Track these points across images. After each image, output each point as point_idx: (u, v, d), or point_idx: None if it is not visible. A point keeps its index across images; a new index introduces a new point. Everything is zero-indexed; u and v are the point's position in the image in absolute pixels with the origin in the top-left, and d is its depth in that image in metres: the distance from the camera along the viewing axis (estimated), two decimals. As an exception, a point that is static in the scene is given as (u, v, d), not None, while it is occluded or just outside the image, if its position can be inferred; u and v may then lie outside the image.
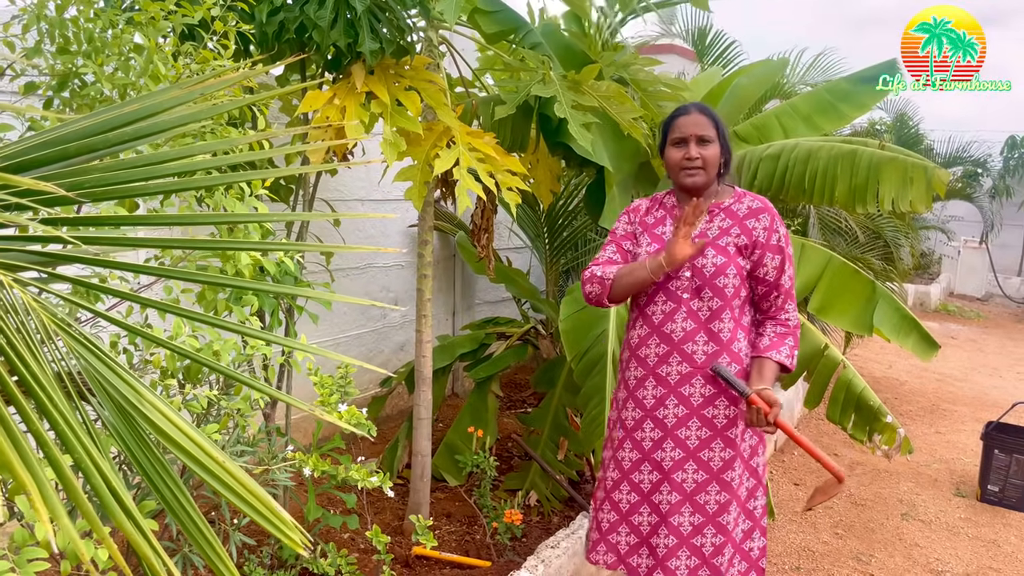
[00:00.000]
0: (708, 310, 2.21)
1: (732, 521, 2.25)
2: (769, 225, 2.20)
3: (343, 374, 2.54)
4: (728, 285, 2.19)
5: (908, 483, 4.51)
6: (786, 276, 2.22)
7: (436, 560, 3.20)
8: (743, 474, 2.25)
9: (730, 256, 2.19)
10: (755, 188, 3.45)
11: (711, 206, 2.25)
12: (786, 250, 2.22)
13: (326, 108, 2.46)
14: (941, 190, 2.89)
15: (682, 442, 2.24)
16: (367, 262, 4.45)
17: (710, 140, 2.21)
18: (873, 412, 2.89)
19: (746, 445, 2.25)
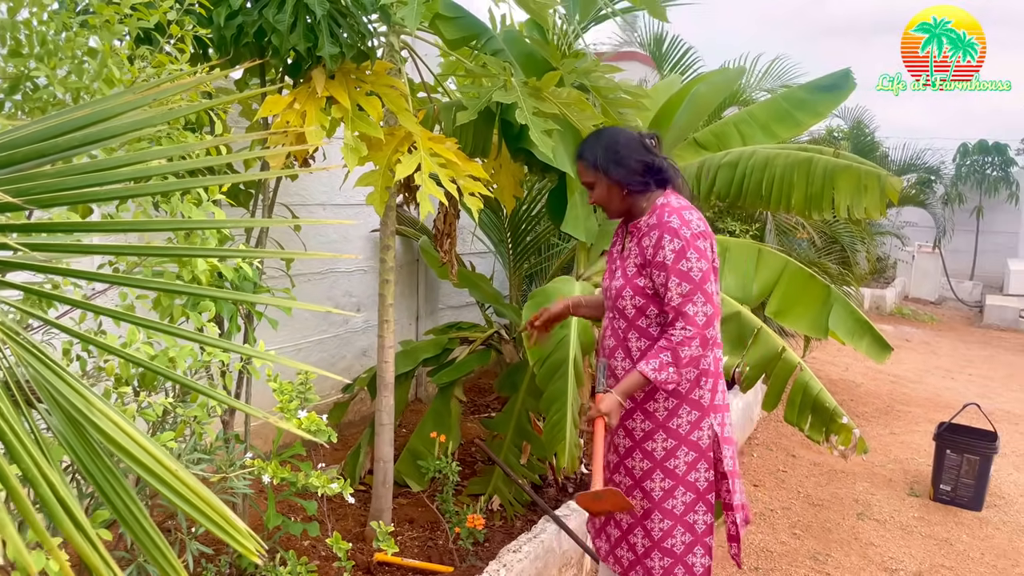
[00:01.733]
0: (620, 329, 2.33)
1: (655, 526, 2.33)
2: (656, 242, 2.20)
3: (303, 380, 2.53)
4: (627, 306, 2.27)
5: (864, 483, 4.60)
6: (673, 294, 2.17)
7: (398, 566, 3.18)
8: (664, 480, 2.31)
9: (628, 278, 2.27)
10: (714, 194, 3.51)
11: (631, 226, 2.34)
12: (672, 267, 2.16)
13: (286, 113, 2.44)
14: (894, 197, 2.96)
15: (615, 447, 2.41)
16: (329, 267, 4.42)
17: (591, 183, 2.34)
18: (829, 413, 2.95)
19: (659, 448, 2.31)
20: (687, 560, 2.33)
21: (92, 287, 2.17)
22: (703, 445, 2.31)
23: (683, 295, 2.16)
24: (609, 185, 2.29)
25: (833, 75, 3.85)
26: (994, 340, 10.00)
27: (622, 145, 2.34)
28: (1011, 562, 3.70)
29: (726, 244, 3.39)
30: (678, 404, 2.28)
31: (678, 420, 2.29)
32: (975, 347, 9.37)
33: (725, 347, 3.08)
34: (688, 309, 2.16)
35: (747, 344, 3.03)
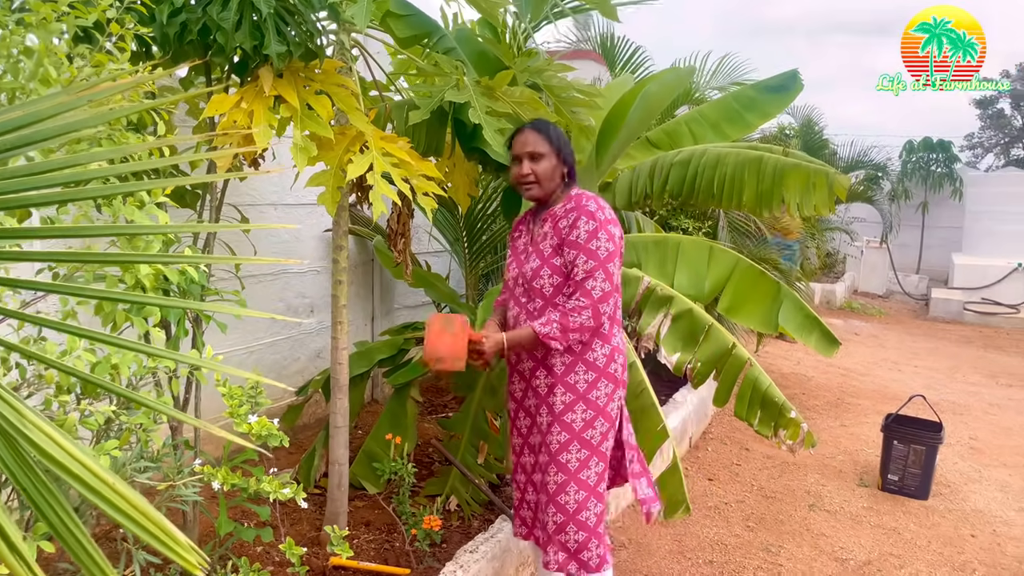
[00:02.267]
0: (535, 310, 2.45)
1: (551, 480, 2.48)
2: (572, 222, 2.37)
3: (253, 384, 2.49)
4: (544, 285, 2.41)
5: (815, 475, 4.69)
6: (579, 269, 2.33)
7: (355, 570, 3.16)
8: (560, 433, 2.46)
9: (544, 258, 2.42)
10: (667, 192, 3.54)
11: (545, 214, 2.49)
12: (584, 245, 2.32)
13: (233, 112, 2.40)
14: (842, 194, 3.02)
15: (527, 409, 2.56)
16: (281, 268, 4.36)
17: (542, 155, 2.42)
18: (778, 408, 3.00)
19: (558, 402, 2.44)
20: (580, 517, 2.47)
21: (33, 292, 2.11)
22: (600, 403, 2.47)
23: (587, 271, 2.35)
24: (555, 165, 2.45)
25: (781, 76, 3.92)
26: (939, 332, 10.27)
27: (568, 139, 2.57)
28: (956, 549, 3.80)
29: (679, 242, 3.43)
30: (574, 361, 2.43)
31: (575, 376, 2.44)
32: (921, 339, 9.62)
33: (677, 344, 3.12)
34: (587, 283, 2.34)
35: (699, 341, 3.07)
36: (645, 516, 2.59)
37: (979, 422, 5.99)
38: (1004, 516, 4.22)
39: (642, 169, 3.65)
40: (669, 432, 2.88)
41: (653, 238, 3.47)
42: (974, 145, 18.49)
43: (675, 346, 3.10)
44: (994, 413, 6.29)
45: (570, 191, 2.50)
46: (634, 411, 2.90)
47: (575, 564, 2.48)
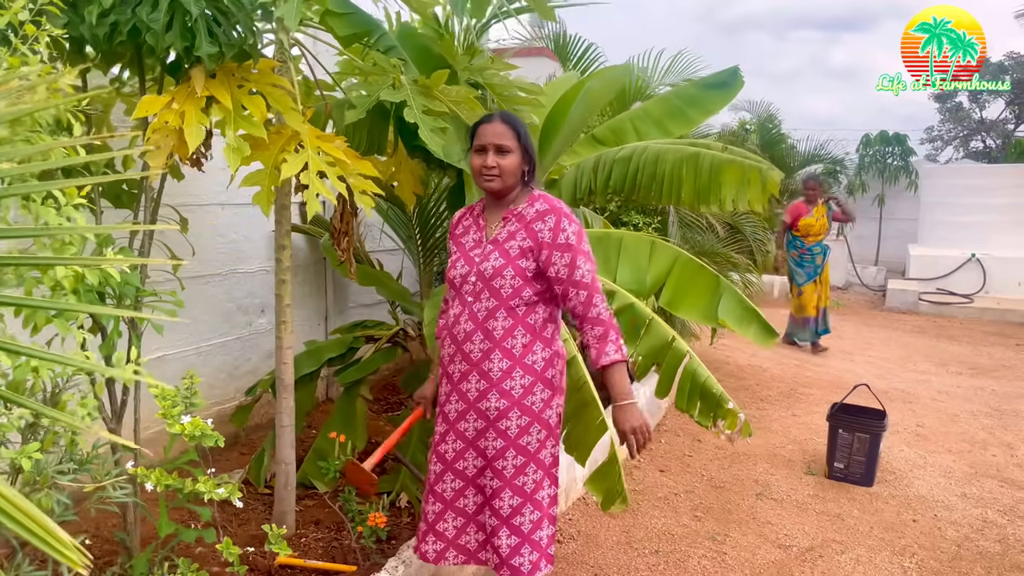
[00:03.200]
0: (485, 310, 2.40)
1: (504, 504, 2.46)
2: (555, 225, 2.35)
3: (188, 385, 2.49)
4: (505, 286, 2.37)
5: (764, 464, 4.78)
6: (582, 271, 2.35)
7: (301, 568, 3.16)
8: (515, 458, 2.44)
9: (510, 258, 2.37)
10: (609, 188, 3.59)
11: (505, 212, 2.44)
12: (577, 246, 2.35)
13: (164, 113, 2.39)
14: (774, 190, 3.09)
15: (461, 434, 2.49)
16: (230, 268, 4.34)
17: (509, 150, 2.38)
18: (716, 399, 3.06)
19: (513, 425, 2.42)
20: (534, 537, 2.47)
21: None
22: (552, 423, 2.47)
23: (591, 272, 2.37)
24: (520, 162, 2.41)
25: (722, 73, 3.98)
26: (894, 323, 10.48)
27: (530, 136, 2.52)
28: (897, 534, 3.90)
29: (621, 237, 3.48)
30: (533, 382, 2.42)
31: (532, 398, 2.42)
32: (876, 330, 9.81)
33: (620, 338, 3.16)
34: (598, 285, 2.38)
35: (640, 335, 3.12)
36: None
37: (927, 409, 6.13)
38: (946, 501, 4.34)
39: (586, 165, 3.69)
40: (608, 425, 2.92)
41: (596, 234, 3.51)
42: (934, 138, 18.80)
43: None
44: (942, 400, 6.44)
45: (531, 191, 2.46)
46: (574, 407, 2.94)
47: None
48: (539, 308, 2.43)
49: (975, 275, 11.87)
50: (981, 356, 8.39)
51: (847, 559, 3.61)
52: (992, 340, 9.36)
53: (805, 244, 7.97)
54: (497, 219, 2.47)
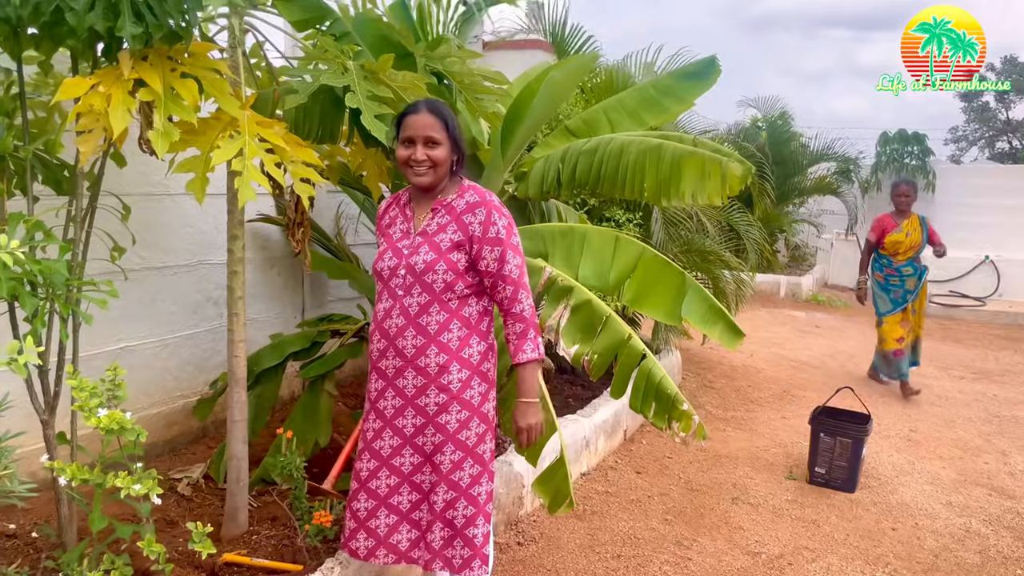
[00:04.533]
0: (417, 305, 2.32)
1: (439, 498, 2.41)
2: (485, 219, 2.29)
3: (111, 377, 2.42)
4: (437, 280, 2.30)
5: (745, 468, 4.65)
6: (511, 266, 2.30)
7: (247, 566, 3.09)
8: (453, 453, 2.38)
9: (441, 252, 2.30)
10: (575, 182, 3.49)
11: (435, 203, 2.37)
12: (507, 241, 2.29)
13: (88, 96, 2.32)
14: (735, 184, 2.96)
15: (399, 431, 2.41)
16: (198, 259, 4.28)
17: (438, 142, 2.31)
18: (671, 400, 2.95)
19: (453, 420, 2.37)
20: (467, 533, 2.38)
21: None
22: (490, 416, 2.42)
23: (519, 267, 2.32)
24: (449, 153, 2.34)
25: (699, 63, 3.86)
26: (901, 325, 10.26)
27: (458, 124, 2.44)
28: (874, 542, 3.77)
29: (586, 232, 3.37)
30: (470, 376, 2.35)
31: (470, 391, 2.36)
32: (882, 332, 9.60)
33: (576, 336, 3.07)
34: (525, 280, 2.34)
35: (596, 332, 3.01)
36: None
37: (922, 414, 5.97)
38: (929, 509, 4.20)
39: (554, 157, 3.59)
40: (557, 425, 2.82)
41: (560, 228, 3.41)
42: (959, 139, 18.43)
43: (574, 338, 3.04)
44: (940, 405, 6.27)
45: (459, 181, 2.41)
46: (524, 403, 2.85)
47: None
48: (472, 301, 2.38)
49: (989, 277, 11.62)
50: (987, 360, 8.19)
51: (817, 568, 3.49)
52: (1001, 344, 9.13)
53: (893, 263, 6.52)
54: (425, 210, 2.40)
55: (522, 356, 2.30)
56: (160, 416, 4.17)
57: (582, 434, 4.33)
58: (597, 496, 4.12)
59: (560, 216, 4.03)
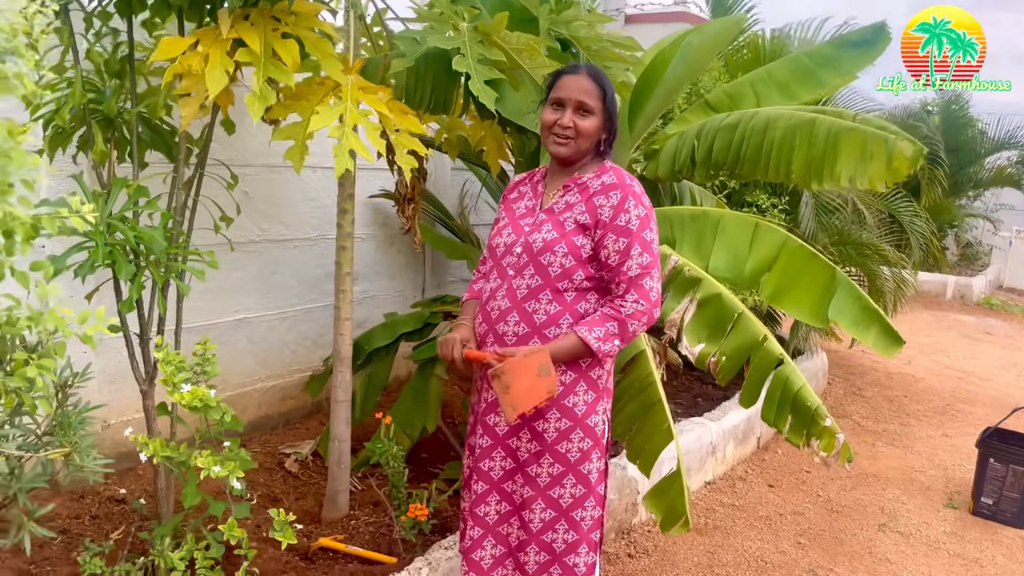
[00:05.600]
0: (527, 288, 2.03)
1: (535, 516, 2.12)
2: (618, 204, 1.97)
3: (201, 351, 2.33)
4: (554, 263, 2.00)
5: (896, 490, 4.13)
6: (632, 263, 1.96)
7: (342, 553, 2.98)
8: (552, 465, 2.09)
9: (565, 232, 2.00)
10: (711, 162, 3.13)
11: (567, 180, 2.07)
12: (637, 234, 1.96)
13: (186, 57, 2.21)
14: (903, 167, 2.52)
15: (490, 428, 2.14)
16: (319, 233, 4.23)
17: (591, 111, 2.00)
18: (811, 414, 2.56)
19: (551, 428, 2.07)
20: (567, 560, 2.09)
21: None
22: (598, 432, 2.07)
23: (643, 266, 1.97)
24: (600, 126, 2.04)
25: (864, 29, 3.38)
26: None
27: (616, 101, 2.13)
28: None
29: (720, 216, 3.01)
30: (575, 379, 2.04)
31: (574, 398, 2.04)
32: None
33: (702, 333, 2.73)
34: (645, 282, 1.98)
35: (726, 331, 2.66)
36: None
37: (1117, 443, 5.15)
38: (1124, 557, 3.55)
39: (688, 135, 3.24)
40: (674, 433, 2.50)
41: (691, 211, 3.06)
42: None
43: (699, 335, 2.71)
44: None
45: (603, 160, 2.12)
46: (638, 408, 2.55)
47: None
48: (591, 297, 2.06)
49: None
50: None
51: (979, 617, 2.99)
52: None
53: None
54: (558, 187, 2.11)
55: (584, 331, 1.96)
56: (276, 389, 4.16)
57: (708, 439, 3.97)
58: (722, 509, 3.76)
59: (695, 200, 3.67)
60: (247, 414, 4.04)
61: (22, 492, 1.81)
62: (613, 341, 1.97)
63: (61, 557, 2.74)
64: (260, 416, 4.11)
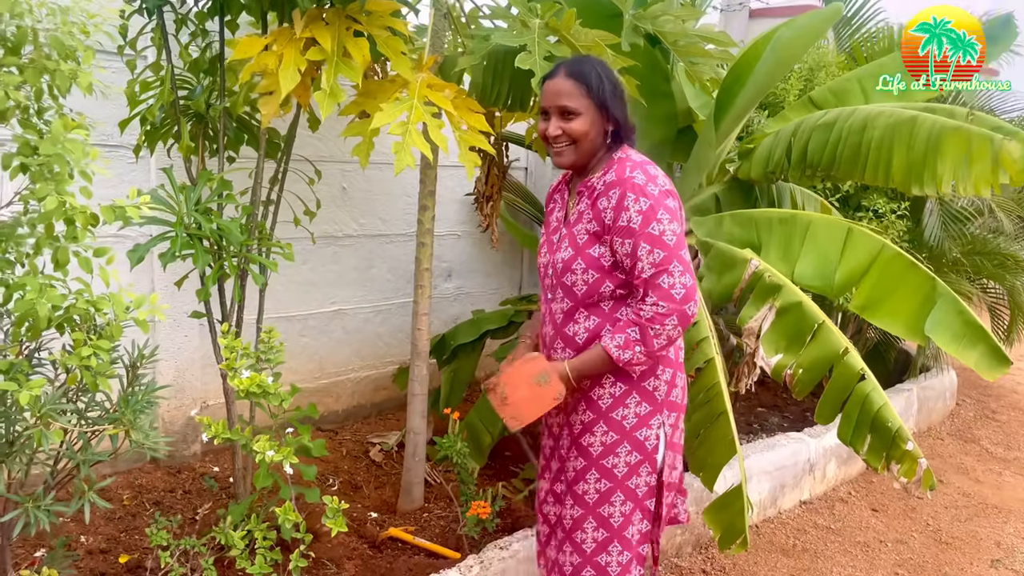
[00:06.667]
0: (561, 312, 1.96)
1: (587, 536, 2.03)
2: (617, 203, 1.83)
3: (266, 339, 2.41)
4: (577, 282, 1.90)
5: (1018, 524, 3.76)
6: (643, 264, 1.81)
7: (409, 544, 3.02)
8: (599, 482, 2.00)
9: (579, 248, 1.90)
10: (805, 162, 2.95)
11: (579, 186, 1.96)
12: (641, 231, 1.81)
13: (261, 56, 2.30)
14: (1011, 169, 2.27)
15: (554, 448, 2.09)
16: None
17: (575, 111, 1.87)
18: (891, 435, 2.36)
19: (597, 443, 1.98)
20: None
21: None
22: (649, 446, 1.94)
23: (655, 264, 1.81)
24: (595, 121, 1.91)
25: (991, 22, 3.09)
26: None
27: (620, 83, 2.00)
28: None
29: (809, 220, 2.83)
30: (626, 391, 1.93)
31: (624, 411, 1.94)
32: None
33: (780, 343, 2.58)
34: (662, 281, 1.82)
35: (805, 341, 2.50)
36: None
37: None
38: None
39: (784, 133, 3.06)
40: (738, 448, 2.37)
41: (779, 215, 2.89)
42: None
43: (777, 346, 2.56)
44: None
45: (613, 154, 1.96)
46: (703, 418, 2.44)
47: None
48: (632, 302, 1.93)
49: None
50: None
51: (1098, 676, 2.67)
52: None
53: None
54: (576, 195, 2.01)
55: (606, 340, 1.86)
56: (369, 380, 4.28)
57: (806, 455, 3.75)
58: (815, 531, 3.54)
59: (795, 202, 3.47)
60: (340, 402, 4.18)
61: (85, 464, 1.94)
62: (634, 348, 1.84)
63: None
64: (353, 405, 4.24)
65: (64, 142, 1.63)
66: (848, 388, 2.42)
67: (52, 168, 1.64)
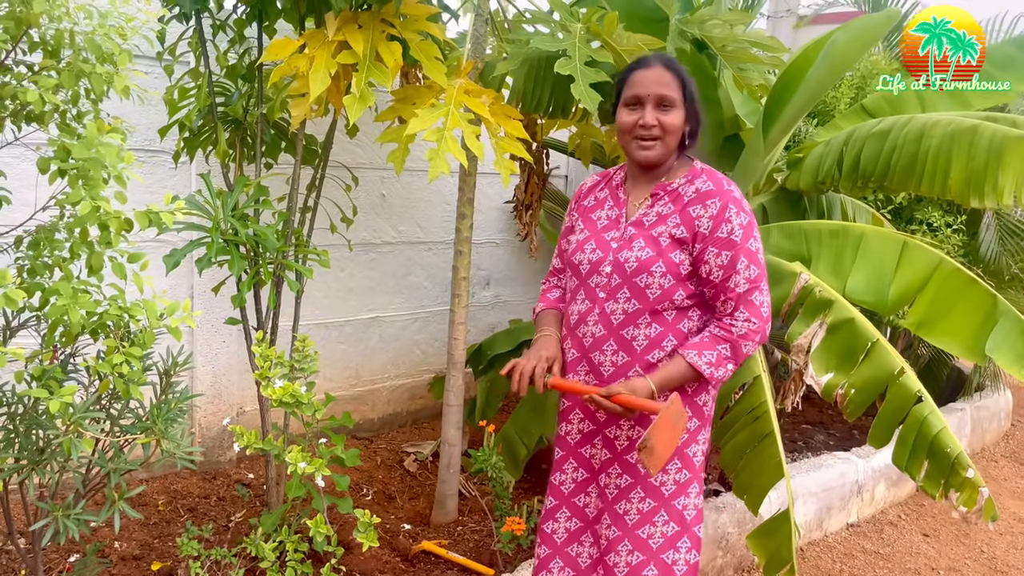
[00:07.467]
0: (623, 313, 1.85)
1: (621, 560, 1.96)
2: (718, 213, 1.78)
3: (300, 348, 2.37)
4: (653, 284, 1.81)
5: (1082, 555, 3.57)
6: (739, 278, 1.77)
7: (443, 559, 2.96)
8: (643, 501, 1.92)
9: (661, 250, 1.81)
10: (857, 172, 2.83)
11: (655, 187, 1.88)
12: (743, 245, 1.76)
13: (293, 58, 2.27)
14: (1080, 180, 2.14)
15: (586, 461, 2.00)
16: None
17: (672, 104, 1.81)
18: (950, 462, 2.23)
19: (670, 481, 1.91)
20: None
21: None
22: (697, 463, 1.89)
23: (751, 280, 1.79)
24: (684, 121, 1.85)
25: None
26: None
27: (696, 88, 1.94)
28: None
29: (862, 233, 2.72)
30: (699, 427, 1.89)
31: (695, 447, 1.89)
32: None
33: (831, 361, 2.47)
34: (755, 298, 1.80)
35: (858, 360, 2.38)
36: None
37: None
38: None
39: (835, 142, 2.95)
40: (785, 471, 2.27)
41: (829, 227, 2.77)
42: None
43: (827, 364, 2.44)
44: None
45: (690, 162, 1.91)
46: (748, 437, 2.34)
47: None
48: (693, 314, 1.88)
49: None
50: None
51: None
52: None
53: None
54: (643, 195, 1.91)
55: (694, 355, 1.78)
56: (405, 388, 4.25)
57: (853, 476, 3.61)
58: (862, 555, 3.40)
59: (846, 214, 3.35)
60: (376, 410, 4.15)
61: (116, 473, 1.92)
62: (727, 365, 1.80)
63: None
64: (388, 413, 4.21)
65: (98, 146, 1.61)
66: (904, 410, 2.30)
67: (87, 173, 1.61)
